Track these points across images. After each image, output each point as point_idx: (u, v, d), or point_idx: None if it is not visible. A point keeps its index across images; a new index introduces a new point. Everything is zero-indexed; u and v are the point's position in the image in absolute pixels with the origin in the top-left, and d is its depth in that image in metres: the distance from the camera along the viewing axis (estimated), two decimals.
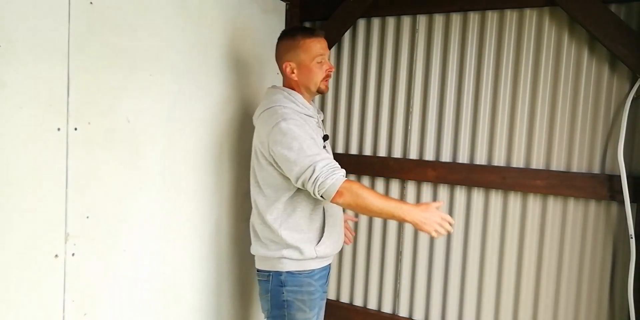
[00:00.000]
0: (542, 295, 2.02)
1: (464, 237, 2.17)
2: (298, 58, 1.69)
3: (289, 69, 1.70)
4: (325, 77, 1.71)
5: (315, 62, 1.69)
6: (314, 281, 1.70)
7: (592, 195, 1.90)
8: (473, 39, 2.11)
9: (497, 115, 2.08)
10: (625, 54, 1.79)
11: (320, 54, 1.68)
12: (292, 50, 1.69)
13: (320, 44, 1.69)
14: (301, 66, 1.69)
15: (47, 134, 1.34)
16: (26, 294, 1.32)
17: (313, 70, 1.69)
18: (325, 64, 1.71)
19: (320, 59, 1.69)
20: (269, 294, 1.70)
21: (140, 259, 1.67)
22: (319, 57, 1.69)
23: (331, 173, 1.52)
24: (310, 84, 1.71)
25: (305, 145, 1.54)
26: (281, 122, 1.57)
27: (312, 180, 1.52)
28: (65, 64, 1.37)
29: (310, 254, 1.66)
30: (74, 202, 1.42)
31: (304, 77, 1.70)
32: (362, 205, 1.51)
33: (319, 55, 1.68)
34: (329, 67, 1.72)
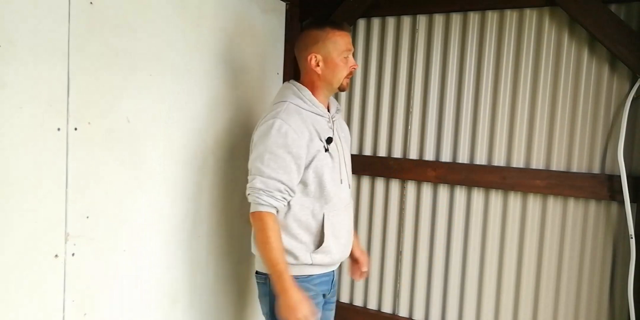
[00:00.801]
0: (542, 295, 2.02)
1: (464, 237, 2.17)
2: (325, 50, 1.59)
3: (314, 61, 1.60)
4: (348, 74, 1.64)
5: (342, 57, 1.61)
6: (312, 286, 1.65)
7: (592, 195, 1.90)
8: (473, 39, 2.11)
9: (497, 115, 2.08)
10: (625, 54, 1.79)
11: (347, 49, 1.61)
12: (320, 41, 1.59)
13: (348, 39, 1.62)
14: (327, 60, 1.60)
15: (47, 134, 1.34)
16: (26, 294, 1.32)
17: (339, 65, 1.61)
18: (350, 61, 1.63)
19: (347, 54, 1.61)
20: (267, 297, 1.65)
21: (140, 259, 1.67)
22: (346, 52, 1.61)
23: (262, 194, 1.51)
24: (334, 79, 1.62)
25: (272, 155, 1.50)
26: (276, 120, 1.53)
27: (247, 187, 1.57)
28: (65, 64, 1.37)
29: (306, 260, 1.61)
30: (74, 202, 1.42)
31: (329, 72, 1.61)
32: (257, 239, 1.55)
33: (347, 51, 1.61)
34: (353, 64, 1.64)
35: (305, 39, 1.63)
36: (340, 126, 1.75)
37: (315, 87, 1.64)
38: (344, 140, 1.73)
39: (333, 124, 1.67)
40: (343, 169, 1.67)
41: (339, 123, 1.73)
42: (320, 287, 1.68)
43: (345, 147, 1.72)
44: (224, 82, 2.00)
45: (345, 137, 1.77)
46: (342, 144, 1.69)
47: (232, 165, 2.08)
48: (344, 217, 1.68)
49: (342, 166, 1.67)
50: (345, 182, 1.68)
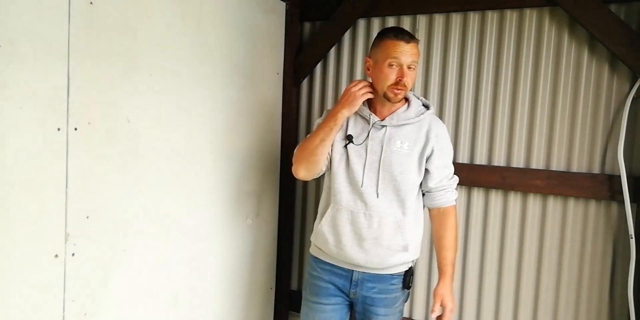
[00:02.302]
0: (542, 295, 2.02)
1: (464, 237, 2.16)
2: (375, 56, 1.63)
3: (367, 64, 1.67)
4: (394, 84, 1.59)
5: (387, 63, 1.58)
6: (319, 268, 1.78)
7: (592, 195, 1.90)
8: (473, 39, 2.11)
9: (497, 115, 2.08)
10: (625, 54, 1.79)
11: (394, 56, 1.57)
12: (375, 46, 1.65)
13: (401, 48, 1.56)
14: (376, 65, 1.62)
15: (47, 134, 1.34)
16: (26, 294, 1.32)
17: (383, 72, 1.60)
18: (399, 71, 1.58)
19: (394, 62, 1.57)
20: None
21: (140, 259, 1.67)
22: (392, 60, 1.57)
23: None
24: (378, 85, 1.63)
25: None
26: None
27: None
28: (66, 64, 1.37)
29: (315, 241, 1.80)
30: (74, 202, 1.42)
31: (375, 77, 1.65)
32: (303, 149, 1.72)
33: (393, 58, 1.57)
34: (402, 75, 1.57)
35: (371, 45, 1.69)
36: (400, 136, 1.67)
37: (375, 92, 1.67)
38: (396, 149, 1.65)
39: (376, 129, 1.67)
40: (370, 174, 1.66)
41: (394, 132, 1.67)
42: (329, 276, 1.75)
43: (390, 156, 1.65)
44: (224, 82, 2.00)
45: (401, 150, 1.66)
46: (382, 150, 1.65)
47: (232, 165, 2.08)
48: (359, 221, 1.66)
49: (367, 169, 1.66)
50: (368, 187, 1.65)
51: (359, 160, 1.67)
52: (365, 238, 1.66)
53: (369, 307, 1.71)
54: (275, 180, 2.40)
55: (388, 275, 1.70)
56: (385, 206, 1.66)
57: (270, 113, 2.32)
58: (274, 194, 2.41)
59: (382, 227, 1.65)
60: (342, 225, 1.69)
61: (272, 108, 2.34)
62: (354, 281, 1.71)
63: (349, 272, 1.72)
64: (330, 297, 1.76)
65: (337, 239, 1.70)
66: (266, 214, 2.36)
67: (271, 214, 2.40)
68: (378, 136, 1.67)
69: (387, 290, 1.71)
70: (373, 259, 1.67)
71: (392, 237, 1.66)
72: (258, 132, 2.23)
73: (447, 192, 1.70)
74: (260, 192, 2.29)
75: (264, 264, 2.37)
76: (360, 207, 1.67)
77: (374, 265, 1.68)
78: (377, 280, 1.70)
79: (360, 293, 1.72)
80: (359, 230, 1.67)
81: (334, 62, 2.42)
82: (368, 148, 1.67)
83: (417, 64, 1.62)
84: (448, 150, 1.72)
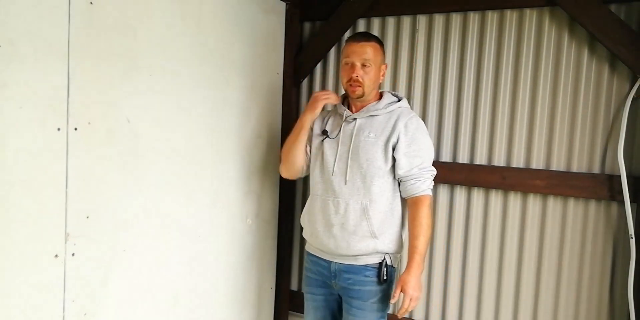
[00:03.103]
0: (542, 295, 2.02)
1: (464, 237, 2.16)
2: (341, 59, 1.84)
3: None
4: (349, 81, 1.76)
5: (343, 63, 1.78)
6: (309, 260, 1.91)
7: (592, 195, 1.90)
8: (473, 39, 2.11)
9: (497, 115, 2.08)
10: (625, 54, 1.79)
11: (345, 56, 1.76)
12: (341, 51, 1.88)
13: (351, 48, 1.75)
14: (340, 66, 1.82)
15: (47, 134, 1.34)
16: (26, 294, 1.32)
17: (341, 72, 1.81)
18: (352, 69, 1.74)
19: (347, 61, 1.75)
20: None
21: (140, 259, 1.67)
22: (345, 59, 1.77)
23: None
24: (342, 84, 1.83)
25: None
26: None
27: None
28: (65, 64, 1.37)
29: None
30: (74, 202, 1.42)
31: (340, 77, 1.84)
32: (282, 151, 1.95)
33: (346, 58, 1.76)
34: (352, 72, 1.74)
35: None
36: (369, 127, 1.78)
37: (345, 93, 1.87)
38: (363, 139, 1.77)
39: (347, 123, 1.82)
40: (339, 164, 1.79)
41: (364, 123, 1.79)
42: (315, 268, 1.87)
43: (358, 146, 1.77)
44: (224, 82, 2.00)
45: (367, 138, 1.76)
46: (351, 141, 1.78)
47: (232, 165, 2.08)
48: (327, 208, 1.78)
49: (338, 159, 1.79)
50: (338, 176, 1.78)
51: (331, 152, 1.81)
52: (333, 224, 1.77)
53: (346, 298, 1.80)
54: (275, 180, 2.39)
55: (362, 266, 1.76)
56: (352, 192, 1.75)
57: (270, 113, 2.32)
58: (274, 194, 2.41)
59: (348, 213, 1.75)
60: (315, 213, 1.83)
61: (272, 108, 2.34)
62: (332, 272, 1.81)
63: (328, 263, 1.82)
64: (318, 288, 1.87)
65: (312, 227, 1.84)
66: (266, 214, 2.36)
67: (271, 214, 2.40)
68: (349, 129, 1.81)
69: (361, 282, 1.75)
70: (341, 243, 1.75)
71: (358, 223, 1.74)
72: (258, 132, 2.23)
73: (418, 181, 1.73)
74: (260, 192, 2.29)
75: (264, 264, 2.37)
76: (330, 195, 1.79)
77: (343, 251, 1.75)
78: (352, 271, 1.77)
79: (339, 284, 1.80)
80: (328, 216, 1.78)
81: (334, 62, 2.42)
82: (340, 140, 1.81)
83: (372, 63, 1.74)
84: (421, 141, 1.76)
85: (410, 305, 1.65)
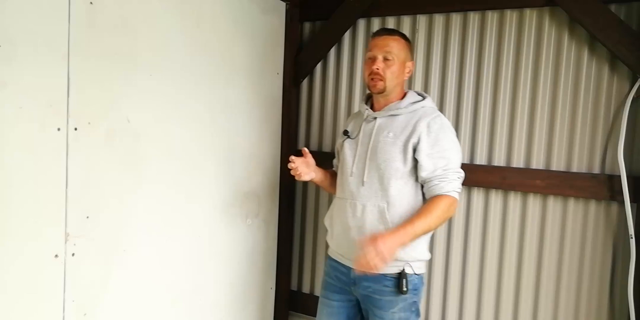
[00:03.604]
0: (542, 295, 2.02)
1: (464, 237, 2.16)
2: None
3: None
4: (370, 74, 1.69)
5: (366, 58, 1.74)
6: (329, 264, 1.83)
7: (592, 195, 1.90)
8: (473, 39, 2.11)
9: (497, 115, 2.08)
10: (625, 54, 1.79)
11: (368, 50, 1.73)
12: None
13: (373, 42, 1.71)
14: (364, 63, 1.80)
15: (47, 134, 1.34)
16: (26, 294, 1.32)
17: (364, 66, 1.77)
18: (372, 62, 1.68)
19: (369, 55, 1.71)
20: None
21: (140, 259, 1.67)
22: (368, 54, 1.72)
23: None
24: (364, 80, 1.80)
25: None
26: None
27: None
28: (65, 64, 1.37)
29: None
30: (74, 202, 1.42)
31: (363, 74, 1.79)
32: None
33: (368, 52, 1.73)
34: (372, 64, 1.68)
35: None
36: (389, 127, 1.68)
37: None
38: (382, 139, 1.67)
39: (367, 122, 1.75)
40: (358, 164, 1.72)
41: (385, 123, 1.70)
42: (334, 273, 1.79)
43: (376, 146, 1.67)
44: (224, 82, 2.00)
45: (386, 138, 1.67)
46: (370, 141, 1.69)
47: (232, 165, 2.08)
48: (345, 210, 1.71)
49: (357, 160, 1.72)
50: (356, 177, 1.71)
51: (350, 153, 1.76)
52: (350, 226, 1.69)
53: (368, 305, 1.72)
54: (275, 180, 2.39)
55: (381, 275, 1.64)
56: (369, 194, 1.67)
57: (270, 113, 2.32)
58: (274, 194, 2.41)
59: (365, 216, 1.66)
60: (334, 215, 1.78)
61: (272, 108, 2.34)
62: (352, 279, 1.72)
63: (348, 270, 1.73)
64: (335, 294, 1.79)
65: (332, 230, 1.79)
66: (266, 214, 2.36)
67: (271, 214, 2.40)
68: (369, 128, 1.74)
69: (381, 291, 1.66)
70: (344, 247, 1.71)
71: (375, 227, 1.63)
72: (258, 132, 2.23)
73: (442, 181, 1.59)
74: (260, 192, 2.29)
75: (264, 264, 2.37)
76: (348, 196, 1.72)
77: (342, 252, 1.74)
78: (372, 279, 1.66)
79: (359, 291, 1.72)
80: (345, 218, 1.71)
81: (334, 62, 2.42)
82: (359, 141, 1.75)
83: (395, 57, 1.66)
84: (445, 141, 1.63)
85: (371, 260, 1.43)
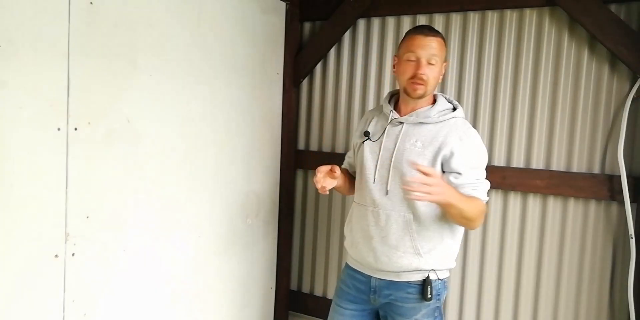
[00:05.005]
0: (542, 295, 2.02)
1: (464, 236, 2.16)
2: (399, 52, 1.64)
3: (394, 62, 1.67)
4: (411, 78, 1.55)
5: (406, 58, 1.57)
6: (346, 272, 1.77)
7: (592, 195, 1.90)
8: (473, 39, 2.11)
9: (497, 115, 2.08)
10: (625, 54, 1.79)
11: (411, 50, 1.55)
12: (400, 44, 1.66)
13: (418, 42, 1.55)
14: (399, 60, 1.62)
15: (47, 134, 1.34)
16: (26, 294, 1.32)
17: (402, 66, 1.59)
18: (417, 65, 1.55)
19: (411, 56, 1.55)
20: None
21: (140, 259, 1.67)
22: (409, 54, 1.56)
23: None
24: (401, 81, 1.61)
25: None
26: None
27: None
28: (65, 64, 1.37)
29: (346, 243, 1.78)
30: (74, 202, 1.42)
31: (398, 73, 1.63)
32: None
33: (410, 52, 1.56)
34: (418, 68, 1.54)
35: None
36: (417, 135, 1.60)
37: (400, 90, 1.67)
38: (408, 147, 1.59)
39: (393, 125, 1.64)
40: (381, 171, 1.62)
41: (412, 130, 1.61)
42: (351, 281, 1.73)
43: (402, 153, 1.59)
44: (224, 82, 2.00)
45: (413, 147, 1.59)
46: (395, 147, 1.61)
47: (232, 165, 2.08)
48: (367, 218, 1.63)
49: (379, 166, 1.62)
50: (378, 184, 1.62)
51: (372, 157, 1.65)
52: (372, 236, 1.62)
53: (389, 312, 1.68)
54: (275, 180, 2.40)
55: (404, 282, 1.62)
56: (393, 204, 1.60)
57: (270, 113, 2.32)
58: (274, 194, 2.41)
59: (389, 226, 1.60)
60: (355, 222, 1.71)
61: (272, 108, 2.34)
62: (372, 288, 1.67)
63: (368, 278, 1.68)
64: (349, 303, 1.72)
65: (352, 237, 1.72)
66: (266, 214, 2.35)
67: (271, 214, 2.40)
68: (394, 133, 1.63)
69: (403, 298, 1.63)
70: (381, 257, 1.61)
71: (400, 237, 1.59)
72: (258, 132, 2.23)
73: (474, 190, 1.55)
74: (260, 192, 2.29)
75: (264, 264, 2.37)
76: (369, 204, 1.63)
77: (383, 266, 1.62)
78: (394, 287, 1.63)
79: (379, 300, 1.67)
80: (366, 226, 1.64)
81: (334, 62, 2.42)
82: (382, 145, 1.64)
83: (438, 59, 1.56)
84: (477, 155, 1.59)
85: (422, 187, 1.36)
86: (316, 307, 2.47)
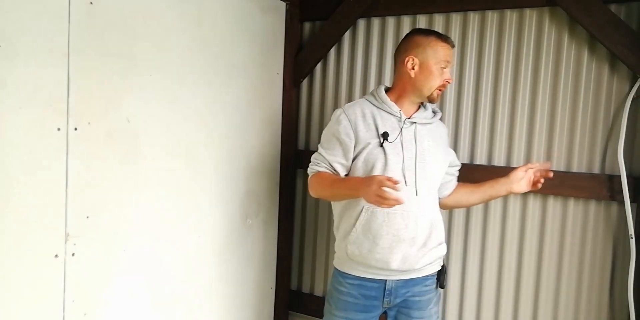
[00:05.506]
0: (542, 295, 2.02)
1: (464, 237, 2.16)
2: (424, 56, 1.62)
3: (410, 64, 1.63)
4: (441, 86, 1.65)
5: (439, 66, 1.63)
6: (347, 283, 1.70)
7: (592, 195, 1.90)
8: (473, 39, 2.11)
9: (497, 115, 2.08)
10: (625, 54, 1.79)
11: (447, 60, 1.63)
12: (421, 46, 1.63)
13: (450, 52, 1.65)
14: (424, 65, 1.62)
15: (47, 134, 1.34)
16: (26, 294, 1.32)
17: (434, 73, 1.62)
18: (446, 74, 1.64)
19: (445, 64, 1.63)
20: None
21: (140, 259, 1.67)
22: (443, 63, 1.63)
23: (312, 165, 1.72)
24: (425, 86, 1.64)
25: (326, 138, 1.72)
26: (338, 109, 1.72)
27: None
28: (65, 64, 1.37)
29: (342, 252, 1.70)
30: (74, 202, 1.42)
31: (422, 77, 1.63)
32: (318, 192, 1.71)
33: (445, 61, 1.63)
34: (448, 77, 1.65)
35: (407, 43, 1.69)
36: (427, 135, 1.69)
37: (404, 91, 1.68)
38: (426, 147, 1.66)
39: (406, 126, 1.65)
40: (408, 173, 1.62)
41: (422, 130, 1.68)
42: (358, 291, 1.68)
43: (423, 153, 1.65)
44: (224, 81, 2.00)
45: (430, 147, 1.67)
46: (416, 148, 1.64)
47: (232, 165, 2.08)
48: (396, 222, 1.60)
49: (405, 168, 1.62)
50: (411, 186, 1.62)
51: (396, 159, 1.62)
52: (403, 239, 1.61)
53: (403, 309, 1.70)
54: (275, 180, 2.40)
55: (422, 277, 1.68)
56: (421, 204, 1.64)
57: (270, 113, 2.32)
58: (274, 194, 2.41)
59: (418, 226, 1.62)
60: (377, 228, 1.61)
61: (272, 108, 2.34)
62: (387, 291, 1.66)
63: (381, 283, 1.66)
64: (360, 313, 1.70)
65: (373, 243, 1.62)
66: (266, 214, 2.36)
67: (271, 214, 2.40)
68: (410, 133, 1.66)
69: (421, 292, 1.69)
70: (409, 259, 1.62)
71: (428, 235, 1.65)
72: (258, 132, 2.23)
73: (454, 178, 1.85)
74: (260, 192, 2.29)
75: (264, 264, 2.37)
76: (398, 207, 1.51)
77: (407, 266, 1.62)
78: (411, 284, 1.67)
79: (394, 301, 1.68)
80: (397, 231, 1.60)
81: (334, 62, 2.42)
82: (403, 146, 1.63)
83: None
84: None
85: (530, 184, 1.74)
86: (316, 307, 2.46)
